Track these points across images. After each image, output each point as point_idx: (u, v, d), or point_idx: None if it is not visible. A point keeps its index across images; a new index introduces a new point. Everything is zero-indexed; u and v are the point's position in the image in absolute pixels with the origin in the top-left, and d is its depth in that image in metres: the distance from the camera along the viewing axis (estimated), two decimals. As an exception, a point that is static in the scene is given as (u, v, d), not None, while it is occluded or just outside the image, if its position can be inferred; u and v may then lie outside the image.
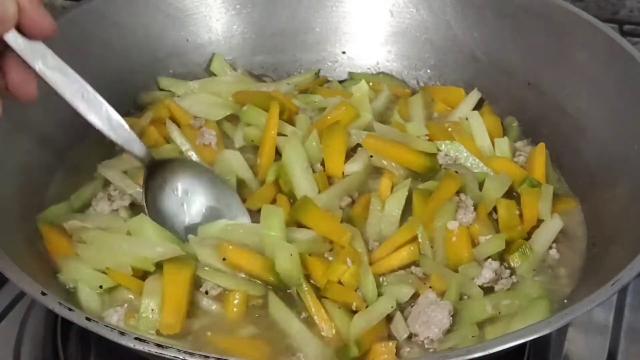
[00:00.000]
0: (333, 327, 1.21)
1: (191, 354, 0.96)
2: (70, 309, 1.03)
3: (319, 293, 1.25)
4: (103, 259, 1.27)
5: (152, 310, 1.20)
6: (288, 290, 1.27)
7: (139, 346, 0.98)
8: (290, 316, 1.22)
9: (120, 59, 1.61)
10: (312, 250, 1.29)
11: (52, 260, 1.30)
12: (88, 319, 1.01)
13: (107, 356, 1.33)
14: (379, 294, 1.25)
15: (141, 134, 1.51)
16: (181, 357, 0.96)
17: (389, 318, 1.23)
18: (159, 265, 1.26)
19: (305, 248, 1.28)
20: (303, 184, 1.40)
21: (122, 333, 0.99)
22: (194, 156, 1.48)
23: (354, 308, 1.22)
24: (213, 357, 0.95)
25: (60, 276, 1.26)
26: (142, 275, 1.27)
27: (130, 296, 1.25)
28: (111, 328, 1.00)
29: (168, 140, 1.51)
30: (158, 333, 1.19)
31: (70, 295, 1.24)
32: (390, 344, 1.17)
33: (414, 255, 1.30)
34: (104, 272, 1.26)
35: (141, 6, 1.62)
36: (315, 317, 1.22)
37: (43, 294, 1.05)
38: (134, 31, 1.62)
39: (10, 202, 1.31)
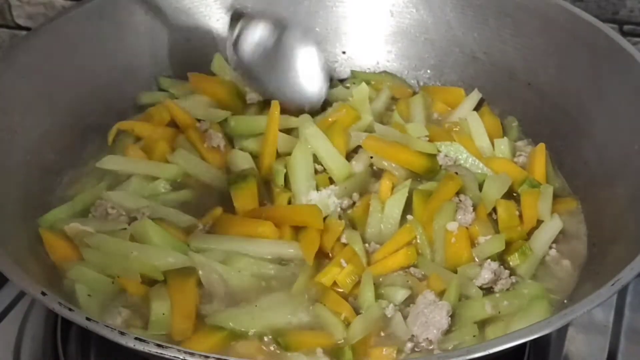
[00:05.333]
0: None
1: (191, 354, 0.96)
2: (70, 309, 1.03)
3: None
4: (111, 265, 1.26)
5: (163, 314, 1.20)
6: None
7: (139, 346, 0.98)
8: None
9: (120, 59, 1.61)
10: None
11: (53, 262, 1.30)
12: (88, 319, 1.01)
13: (107, 356, 1.33)
14: (376, 297, 1.25)
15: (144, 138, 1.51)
16: (181, 357, 0.96)
17: (388, 319, 1.23)
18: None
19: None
20: (304, 190, 1.41)
21: (122, 333, 0.99)
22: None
23: (342, 319, 1.22)
24: (213, 357, 0.95)
25: (66, 281, 1.26)
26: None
27: (132, 299, 1.25)
28: (111, 328, 1.00)
29: (171, 143, 1.51)
30: (168, 336, 1.19)
31: (69, 297, 1.23)
32: (391, 349, 1.17)
33: (411, 258, 1.30)
34: (110, 277, 1.26)
35: (141, 6, 1.62)
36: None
37: (43, 294, 1.05)
38: (134, 31, 1.62)
39: (11, 202, 1.30)
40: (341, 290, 1.27)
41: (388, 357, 1.17)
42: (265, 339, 1.19)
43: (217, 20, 1.71)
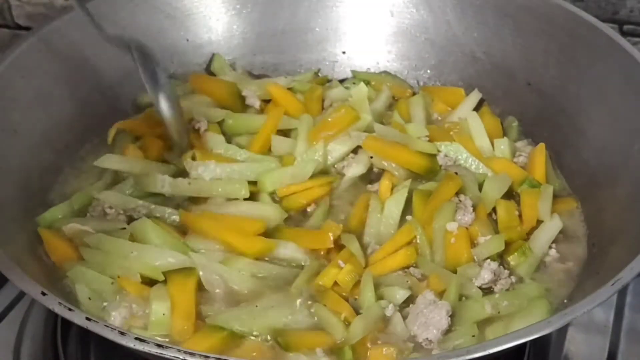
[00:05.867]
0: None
1: (191, 354, 0.96)
2: (70, 309, 1.03)
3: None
4: (112, 265, 1.26)
5: (163, 314, 1.20)
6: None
7: (139, 346, 0.98)
8: None
9: (120, 59, 1.60)
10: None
11: (53, 262, 1.30)
12: (88, 319, 1.01)
13: (107, 356, 1.33)
14: (376, 297, 1.25)
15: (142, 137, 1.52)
16: (181, 357, 0.96)
17: (388, 319, 1.23)
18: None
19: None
20: None
21: (122, 333, 0.99)
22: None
23: (342, 319, 1.22)
24: (213, 357, 0.95)
25: (66, 280, 1.26)
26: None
27: (132, 300, 1.24)
28: (111, 328, 1.00)
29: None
30: (168, 337, 1.19)
31: (69, 297, 1.23)
32: (392, 349, 1.17)
33: (411, 258, 1.30)
34: (110, 277, 1.25)
35: (141, 6, 1.62)
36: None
37: (43, 294, 1.05)
38: (134, 31, 1.62)
39: (11, 202, 1.30)
40: (340, 291, 1.27)
41: (388, 357, 1.16)
42: (263, 337, 1.19)
43: (217, 20, 1.71)
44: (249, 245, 1.30)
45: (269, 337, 1.19)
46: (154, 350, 0.97)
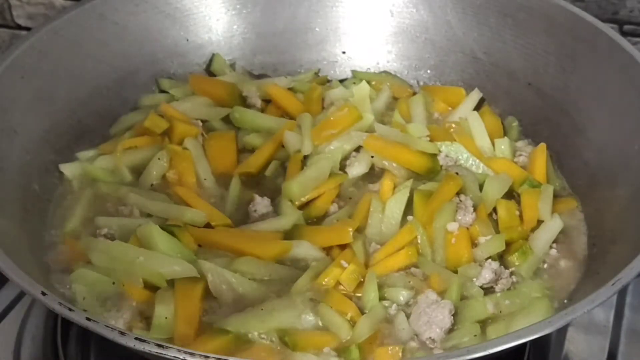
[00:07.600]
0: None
1: (191, 354, 0.96)
2: (70, 309, 1.03)
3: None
4: (116, 268, 1.25)
5: (166, 318, 1.20)
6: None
7: (139, 346, 0.98)
8: None
9: (120, 59, 1.61)
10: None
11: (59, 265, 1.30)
12: (88, 319, 1.01)
13: (107, 356, 1.33)
14: (380, 297, 1.25)
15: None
16: (181, 357, 0.96)
17: (391, 319, 1.23)
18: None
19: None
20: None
21: (122, 333, 0.99)
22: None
23: (348, 318, 1.22)
24: (213, 357, 0.95)
25: (65, 280, 1.25)
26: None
27: (134, 304, 1.24)
28: (111, 328, 0.99)
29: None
30: (170, 341, 1.18)
31: (70, 298, 1.23)
32: (397, 348, 1.17)
33: (412, 258, 1.30)
34: (112, 280, 1.24)
35: (141, 6, 1.62)
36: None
37: (43, 294, 1.05)
38: (134, 31, 1.62)
39: (11, 202, 1.30)
40: (344, 290, 1.27)
41: (394, 356, 1.17)
42: (270, 339, 1.19)
43: (217, 20, 1.71)
44: (265, 250, 1.30)
45: (275, 339, 1.19)
46: (154, 350, 0.97)
